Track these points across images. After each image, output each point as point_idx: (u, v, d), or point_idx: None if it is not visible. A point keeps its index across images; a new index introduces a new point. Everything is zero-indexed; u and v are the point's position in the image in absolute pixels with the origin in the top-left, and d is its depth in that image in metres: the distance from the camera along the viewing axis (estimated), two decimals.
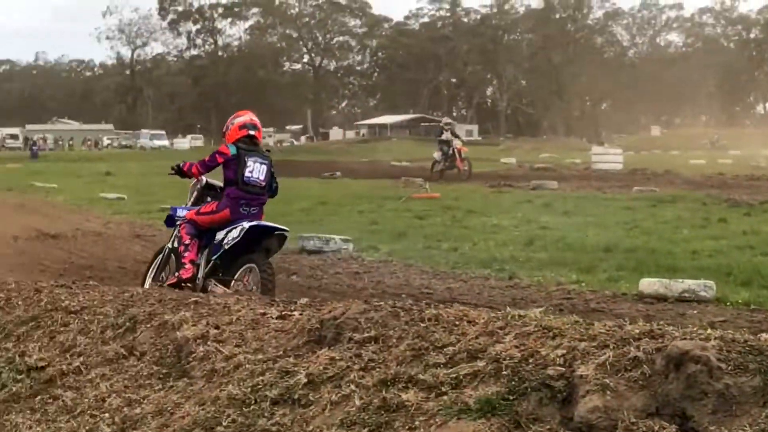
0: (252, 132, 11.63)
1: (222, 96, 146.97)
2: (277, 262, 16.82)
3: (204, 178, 12.07)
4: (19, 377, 6.55)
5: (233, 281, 11.10)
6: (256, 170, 11.43)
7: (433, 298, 11.94)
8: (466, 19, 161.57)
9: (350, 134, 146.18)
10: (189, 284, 11.17)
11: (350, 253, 17.73)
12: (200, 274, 11.43)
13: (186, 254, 11.44)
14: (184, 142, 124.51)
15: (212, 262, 11.40)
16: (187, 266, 11.36)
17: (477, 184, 37.50)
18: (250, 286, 10.80)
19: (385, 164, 60.89)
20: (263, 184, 11.53)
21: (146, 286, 11.61)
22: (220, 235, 11.30)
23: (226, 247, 11.13)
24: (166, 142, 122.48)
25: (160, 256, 12.26)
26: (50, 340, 6.99)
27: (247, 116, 11.84)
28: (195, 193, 12.27)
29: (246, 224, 11.01)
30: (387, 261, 16.77)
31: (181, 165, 11.84)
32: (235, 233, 11.06)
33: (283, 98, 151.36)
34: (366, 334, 5.26)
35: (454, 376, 4.54)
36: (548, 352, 4.52)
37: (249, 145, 11.57)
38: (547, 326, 4.84)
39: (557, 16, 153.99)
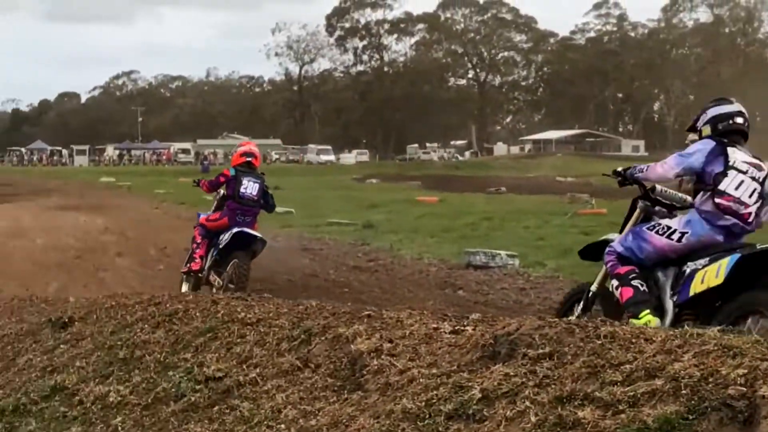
0: (249, 159, 15.29)
1: (387, 111, 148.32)
2: (442, 277, 17.05)
3: (222, 191, 15.23)
4: (197, 387, 6.69)
5: (225, 273, 14.36)
6: (249, 187, 14.92)
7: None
8: (633, 34, 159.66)
9: (515, 149, 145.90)
10: (199, 274, 14.93)
11: (516, 269, 17.71)
12: (206, 266, 14.88)
13: (197, 250, 15.06)
14: (349, 157, 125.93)
15: (213, 257, 14.78)
16: (197, 260, 14.99)
17: None
18: (234, 279, 14.04)
19: (550, 180, 60.73)
20: (256, 198, 15.01)
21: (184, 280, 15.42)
22: (220, 237, 14.67)
23: (220, 246, 14.55)
24: (332, 157, 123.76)
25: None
26: (227, 351, 7.12)
27: (247, 147, 15.75)
28: (216, 203, 15.52)
29: (235, 230, 14.46)
30: (553, 277, 16.70)
31: (198, 181, 15.95)
32: (226, 236, 14.50)
33: (447, 113, 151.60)
34: (540, 351, 5.23)
35: (631, 394, 4.49)
36: (728, 371, 4.43)
37: (246, 168, 15.19)
38: (726, 345, 4.74)
39: (726, 30, 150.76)
